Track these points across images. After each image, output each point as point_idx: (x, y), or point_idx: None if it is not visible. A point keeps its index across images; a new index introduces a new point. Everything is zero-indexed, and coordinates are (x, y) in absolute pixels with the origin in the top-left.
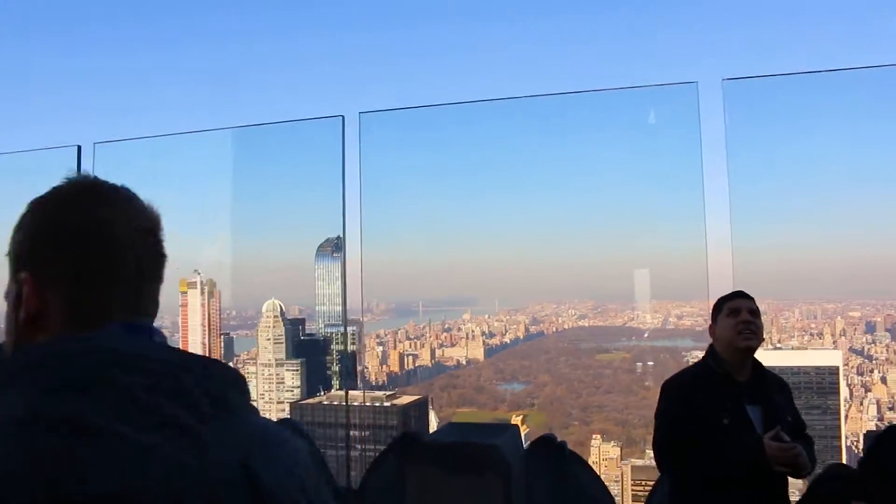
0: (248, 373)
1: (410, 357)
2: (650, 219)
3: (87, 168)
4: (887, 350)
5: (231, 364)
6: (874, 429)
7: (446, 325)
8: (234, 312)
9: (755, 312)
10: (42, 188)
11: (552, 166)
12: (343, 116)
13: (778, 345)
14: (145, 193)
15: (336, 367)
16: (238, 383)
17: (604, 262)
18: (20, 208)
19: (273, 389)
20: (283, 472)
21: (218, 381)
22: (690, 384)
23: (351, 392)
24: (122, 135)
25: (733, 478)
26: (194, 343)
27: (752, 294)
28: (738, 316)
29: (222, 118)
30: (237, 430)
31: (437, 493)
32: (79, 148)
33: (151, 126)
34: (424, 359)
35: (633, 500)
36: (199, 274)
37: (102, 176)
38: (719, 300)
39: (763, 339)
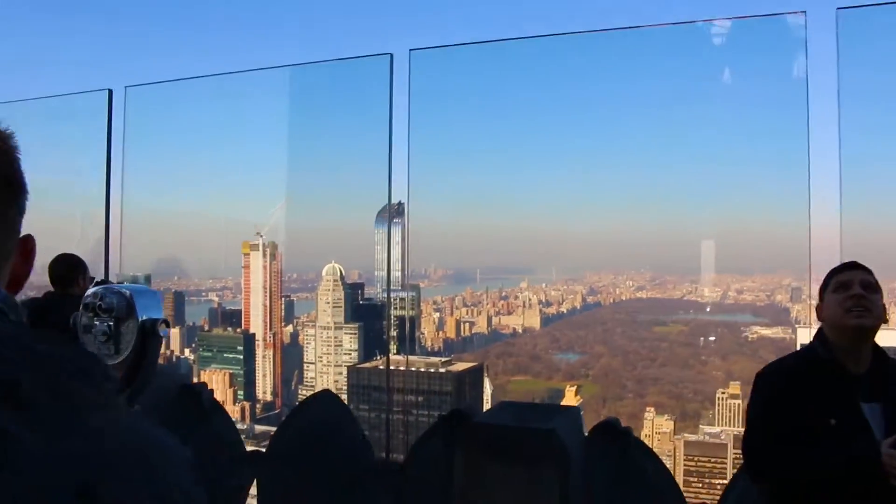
0: (307, 335)
1: (467, 324)
2: (732, 182)
3: (119, 113)
4: None
5: (291, 327)
6: None
7: (503, 293)
8: (295, 275)
9: (871, 286)
10: (72, 133)
11: (626, 114)
12: (392, 54)
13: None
14: (183, 140)
15: (393, 332)
16: (93, 373)
17: (665, 232)
18: (50, 154)
19: (331, 352)
20: (147, 498)
21: (67, 371)
22: (792, 375)
23: (407, 357)
24: (155, 78)
25: (840, 492)
26: (255, 305)
27: (816, 269)
28: (847, 290)
29: (265, 59)
30: (82, 438)
31: (487, 480)
32: (110, 92)
33: (187, 68)
34: (481, 326)
35: (685, 475)
36: (261, 236)
37: (133, 121)
38: (828, 274)
39: (885, 320)
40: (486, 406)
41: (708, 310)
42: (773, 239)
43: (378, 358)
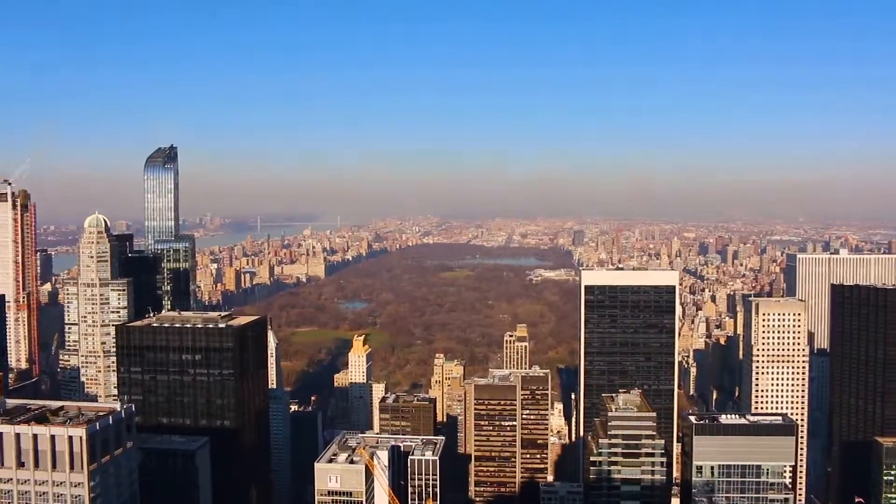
0: (68, 294)
1: (248, 275)
2: (516, 128)
3: None
4: (717, 271)
5: (49, 285)
6: (703, 346)
7: (286, 241)
8: (53, 227)
9: None
10: None
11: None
12: None
13: (619, 265)
14: None
15: (167, 287)
16: None
17: (450, 177)
18: None
19: (97, 311)
20: None
21: None
22: None
23: (183, 313)
24: None
25: None
26: (5, 261)
27: (592, 215)
28: None
29: None
30: None
31: None
32: None
33: None
34: (263, 276)
35: (476, 419)
36: (9, 185)
37: None
38: None
39: None
40: (272, 361)
41: (491, 254)
42: (557, 184)
43: (151, 315)
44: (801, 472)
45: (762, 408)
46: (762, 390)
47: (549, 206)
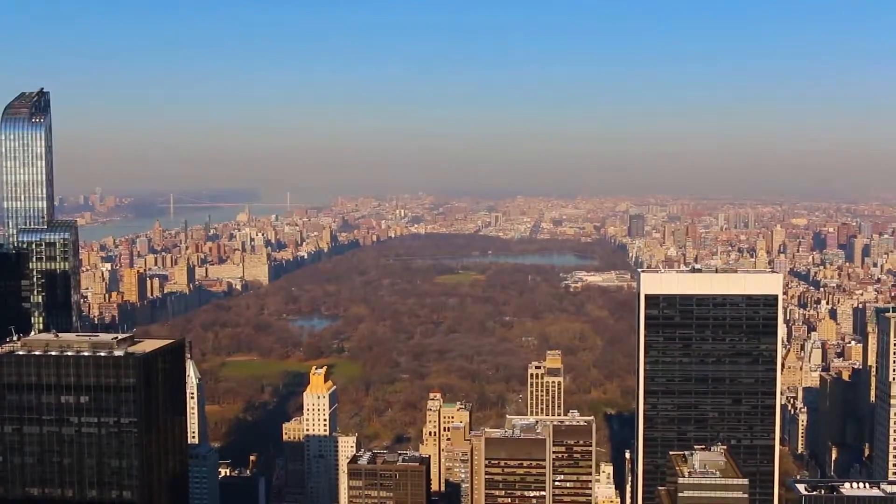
0: None
1: (156, 279)
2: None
3: None
4: (840, 274)
5: None
6: (817, 383)
7: (212, 231)
8: None
9: None
10: None
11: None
12: None
13: (696, 264)
14: None
15: (38, 297)
16: None
17: (450, 138)
18: None
19: None
20: None
21: None
22: None
23: (62, 335)
24: None
25: None
26: None
27: (657, 192)
28: None
29: None
30: None
31: None
32: None
33: None
34: (179, 281)
35: (487, 488)
36: None
37: None
38: None
39: None
40: (194, 405)
41: (511, 248)
42: (606, 149)
43: (14, 340)
44: None
45: None
46: None
47: (595, 180)
